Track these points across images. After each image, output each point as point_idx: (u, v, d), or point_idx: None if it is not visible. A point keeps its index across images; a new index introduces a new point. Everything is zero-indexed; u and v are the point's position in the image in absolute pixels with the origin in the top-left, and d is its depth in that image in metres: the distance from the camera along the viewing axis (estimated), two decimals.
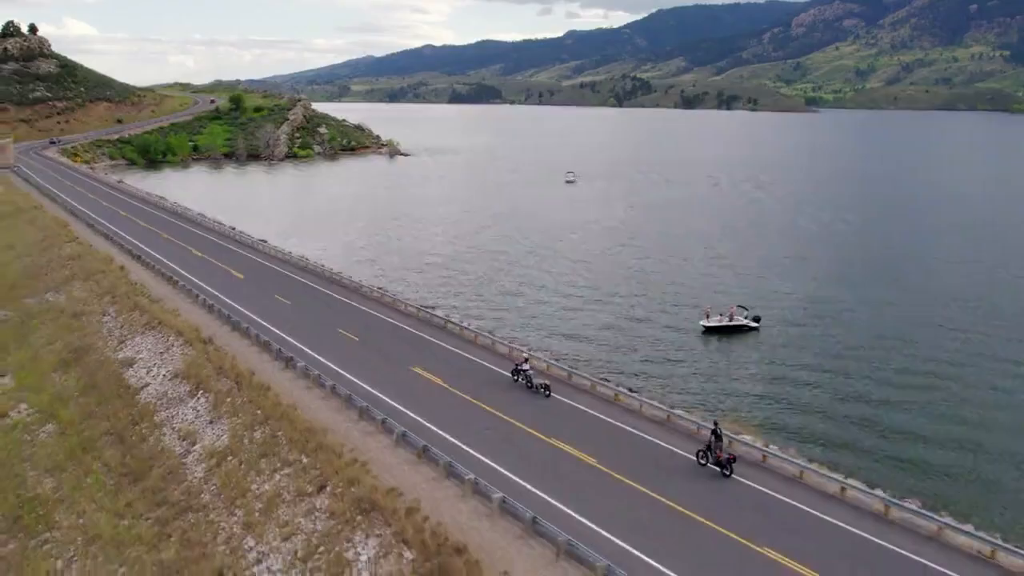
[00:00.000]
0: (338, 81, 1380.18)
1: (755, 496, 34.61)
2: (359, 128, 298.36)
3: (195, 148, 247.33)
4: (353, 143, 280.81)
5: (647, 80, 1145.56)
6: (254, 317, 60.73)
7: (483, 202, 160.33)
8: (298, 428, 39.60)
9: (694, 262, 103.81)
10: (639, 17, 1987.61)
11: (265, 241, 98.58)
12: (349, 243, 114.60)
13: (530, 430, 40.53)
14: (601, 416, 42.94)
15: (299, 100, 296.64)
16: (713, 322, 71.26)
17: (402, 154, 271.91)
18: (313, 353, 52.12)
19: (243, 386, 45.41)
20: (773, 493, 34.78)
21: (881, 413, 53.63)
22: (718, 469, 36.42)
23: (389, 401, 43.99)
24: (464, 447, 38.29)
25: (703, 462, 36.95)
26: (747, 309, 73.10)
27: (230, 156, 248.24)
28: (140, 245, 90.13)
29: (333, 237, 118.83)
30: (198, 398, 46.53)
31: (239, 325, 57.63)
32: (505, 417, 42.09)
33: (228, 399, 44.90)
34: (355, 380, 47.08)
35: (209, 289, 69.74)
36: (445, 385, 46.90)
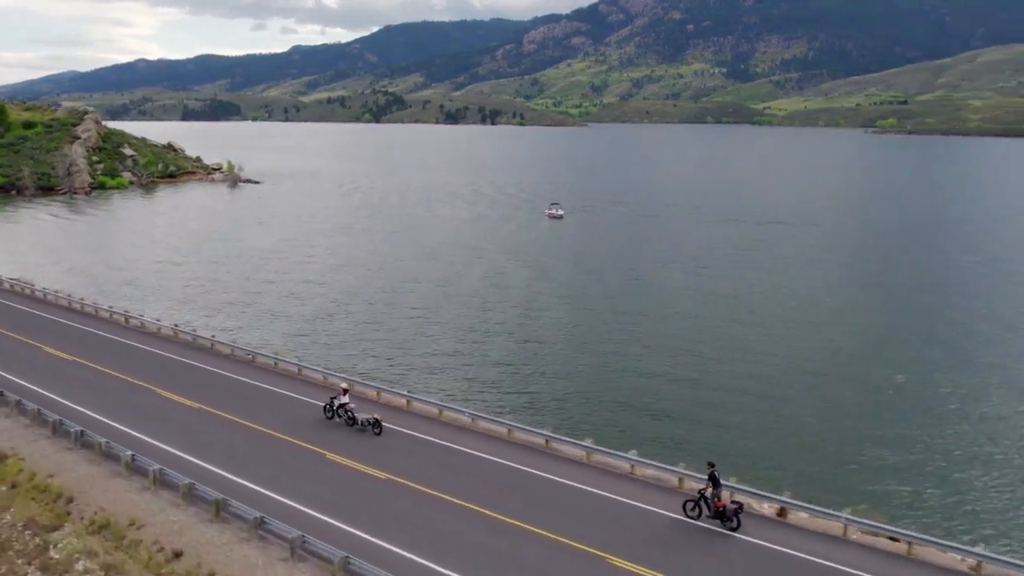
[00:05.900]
0: (43, 97, 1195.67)
1: None
2: (171, 148, 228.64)
3: None
4: (172, 168, 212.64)
5: (398, 95, 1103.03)
6: None
7: (492, 253, 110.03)
8: None
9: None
10: (361, 33, 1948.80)
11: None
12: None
13: None
14: None
15: (86, 112, 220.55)
16: None
17: (247, 181, 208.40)
18: None
19: None
20: None
21: None
22: (718, 523, 29.59)
23: None
24: None
25: (693, 515, 29.96)
26: None
27: (7, 189, 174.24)
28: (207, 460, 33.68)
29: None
30: None
31: None
32: None
33: None
34: None
35: None
36: None
